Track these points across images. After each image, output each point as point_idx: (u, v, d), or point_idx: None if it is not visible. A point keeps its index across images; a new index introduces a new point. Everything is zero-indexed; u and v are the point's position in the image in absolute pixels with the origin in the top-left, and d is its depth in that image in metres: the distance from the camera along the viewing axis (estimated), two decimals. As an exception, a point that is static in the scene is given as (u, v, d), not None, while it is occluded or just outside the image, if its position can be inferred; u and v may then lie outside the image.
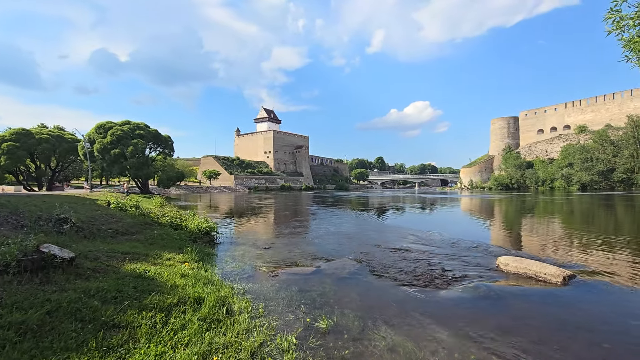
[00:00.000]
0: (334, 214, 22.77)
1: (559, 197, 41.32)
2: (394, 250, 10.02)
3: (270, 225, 17.14)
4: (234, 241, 11.49)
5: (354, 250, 10.07)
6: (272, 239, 12.15)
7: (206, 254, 8.81)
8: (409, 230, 13.99)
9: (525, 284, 6.94)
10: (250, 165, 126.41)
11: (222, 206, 34.83)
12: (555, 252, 9.58)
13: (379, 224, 17.21)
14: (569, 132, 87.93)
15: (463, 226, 16.11)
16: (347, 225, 16.35)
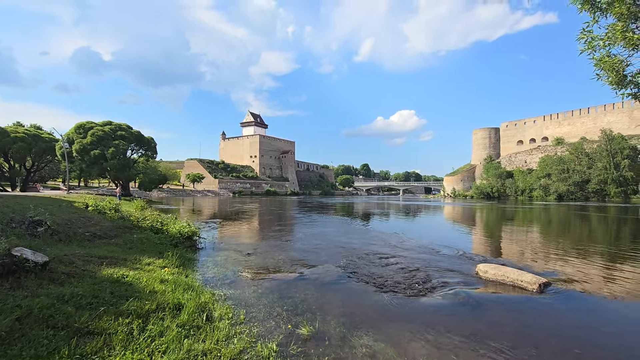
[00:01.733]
0: (318, 219, 22.76)
1: (537, 207, 42.56)
2: (377, 257, 10.09)
3: (253, 231, 16.99)
4: (217, 246, 11.35)
5: (338, 257, 10.09)
6: (255, 245, 12.05)
7: (187, 259, 8.66)
8: (392, 237, 14.10)
9: (503, 291, 7.11)
10: (236, 169, 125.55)
11: (206, 210, 34.30)
12: (533, 260, 9.82)
13: (363, 230, 17.29)
14: (547, 143, 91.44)
15: (445, 233, 16.36)
16: (331, 231, 16.37)
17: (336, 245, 12.04)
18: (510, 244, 13.09)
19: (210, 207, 41.47)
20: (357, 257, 10.17)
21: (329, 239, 13.60)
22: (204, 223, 19.13)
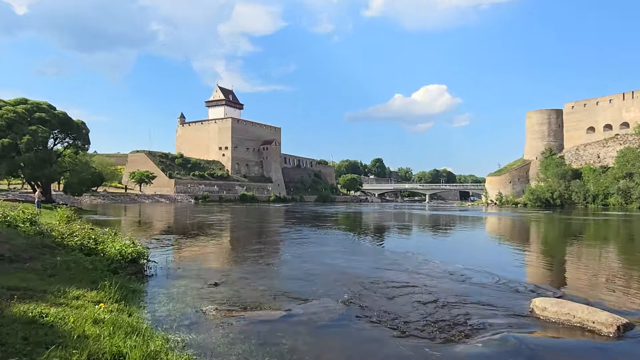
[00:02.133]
0: (312, 236, 22.82)
1: (614, 218, 42.86)
2: (392, 287, 10.15)
3: (223, 251, 16.97)
4: (173, 272, 11.43)
5: (338, 287, 10.14)
6: (225, 270, 12.05)
7: (131, 291, 8.65)
8: (413, 260, 14.18)
9: (568, 335, 7.16)
10: (199, 165, 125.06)
11: (157, 222, 34.29)
12: (609, 293, 9.94)
13: (372, 250, 17.34)
14: (628, 131, 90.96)
15: (487, 256, 16.44)
16: (331, 252, 16.43)
17: (336, 271, 12.11)
18: (578, 270, 13.18)
19: (164, 218, 41.36)
20: (364, 287, 10.19)
21: (326, 262, 13.66)
22: (155, 240, 19.14)
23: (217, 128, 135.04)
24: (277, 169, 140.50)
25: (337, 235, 24.00)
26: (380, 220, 42.54)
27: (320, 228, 28.74)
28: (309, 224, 33.75)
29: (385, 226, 33.44)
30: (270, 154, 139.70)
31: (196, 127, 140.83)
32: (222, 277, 11.14)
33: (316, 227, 29.28)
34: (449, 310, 8.41)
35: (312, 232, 25.01)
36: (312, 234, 24.29)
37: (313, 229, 28.04)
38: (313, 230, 26.53)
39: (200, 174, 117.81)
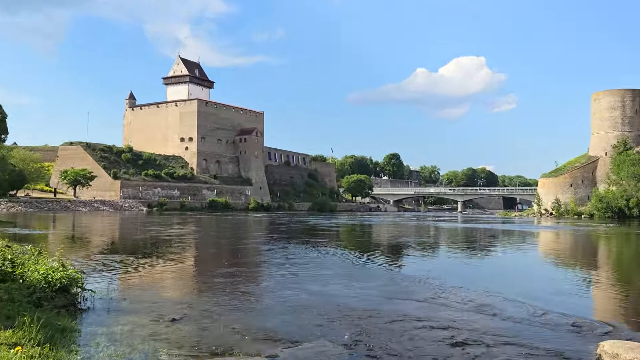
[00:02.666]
0: (305, 256, 22.83)
1: None
2: (410, 325, 10.18)
3: (185, 277, 16.96)
4: (117, 305, 11.45)
5: (339, 325, 10.15)
6: (188, 302, 12.04)
7: (60, 330, 8.61)
8: (439, 289, 14.23)
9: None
10: (154, 162, 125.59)
11: (97, 238, 34.19)
12: (699, 333, 9.96)
13: (385, 275, 17.36)
14: None
15: (539, 284, 16.49)
16: (328, 277, 16.48)
17: (334, 303, 12.13)
18: (659, 302, 13.19)
19: (107, 232, 41.28)
20: (372, 324, 10.19)
21: (320, 291, 13.68)
22: (94, 262, 19.13)
23: (179, 113, 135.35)
24: (259, 167, 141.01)
25: (336, 254, 24.00)
26: (394, 235, 42.48)
27: (314, 245, 28.73)
28: (298, 239, 33.75)
29: (401, 243, 33.43)
30: (249, 148, 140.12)
31: (150, 111, 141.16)
32: (184, 310, 11.11)
33: (308, 244, 29.27)
34: (487, 357, 8.42)
35: (302, 251, 25.00)
36: (302, 253, 24.28)
37: (304, 246, 28.02)
38: (304, 248, 26.51)
39: (155, 173, 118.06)
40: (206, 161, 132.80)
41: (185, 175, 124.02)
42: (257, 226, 53.86)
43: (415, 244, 32.87)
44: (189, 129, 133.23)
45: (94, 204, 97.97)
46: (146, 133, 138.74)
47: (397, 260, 22.92)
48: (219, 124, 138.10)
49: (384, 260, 22.50)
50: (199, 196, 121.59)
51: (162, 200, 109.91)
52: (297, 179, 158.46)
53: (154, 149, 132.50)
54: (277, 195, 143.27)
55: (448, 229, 53.01)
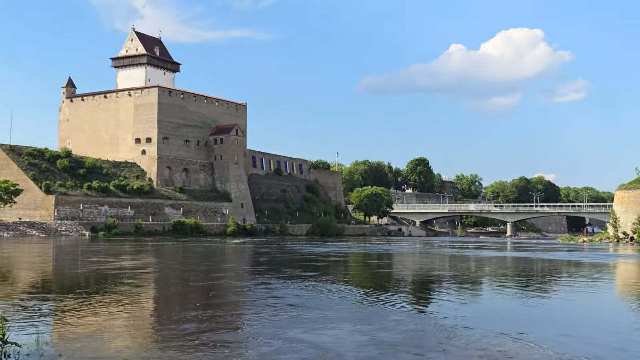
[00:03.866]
0: (298, 295, 22.73)
1: None
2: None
3: (141, 324, 16.89)
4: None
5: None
6: (144, 358, 11.91)
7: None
8: (489, 341, 14.17)
9: None
10: (99, 171, 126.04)
11: (23, 272, 34.17)
12: None
13: (410, 321, 17.20)
14: None
15: (627, 335, 16.46)
16: (329, 322, 16.42)
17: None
18: None
19: (37, 264, 41.04)
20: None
21: (320, 343, 13.57)
22: (20, 306, 19.15)
23: (133, 105, 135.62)
24: (240, 177, 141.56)
25: (341, 293, 23.86)
26: (422, 267, 42.23)
27: (310, 280, 28.59)
28: (290, 273, 33.73)
29: (432, 278, 33.29)
30: (227, 151, 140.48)
31: (95, 102, 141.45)
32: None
33: (303, 280, 29.11)
34: None
35: (296, 289, 24.84)
36: (295, 291, 24.13)
37: (298, 282, 27.87)
38: (298, 285, 26.37)
39: (101, 186, 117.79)
40: (170, 169, 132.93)
41: (141, 188, 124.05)
42: (238, 257, 53.63)
43: (450, 279, 32.67)
44: (147, 126, 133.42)
45: (19, 227, 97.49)
46: (90, 132, 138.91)
47: (425, 301, 22.74)
48: (187, 119, 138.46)
49: (406, 301, 22.32)
50: (160, 216, 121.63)
51: (111, 222, 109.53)
52: (291, 192, 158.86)
53: (100, 153, 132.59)
54: (264, 214, 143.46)
55: (494, 260, 52.80)
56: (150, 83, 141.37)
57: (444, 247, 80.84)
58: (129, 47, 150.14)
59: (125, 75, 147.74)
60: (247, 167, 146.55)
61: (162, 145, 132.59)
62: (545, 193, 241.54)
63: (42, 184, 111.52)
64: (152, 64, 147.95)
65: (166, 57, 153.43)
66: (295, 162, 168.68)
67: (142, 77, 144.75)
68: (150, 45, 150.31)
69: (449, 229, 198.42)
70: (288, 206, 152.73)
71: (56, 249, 59.44)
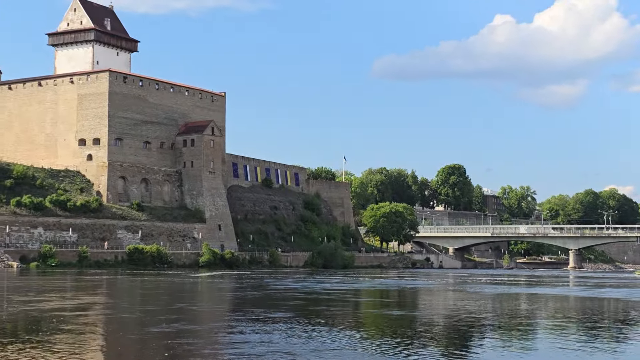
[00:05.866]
0: (300, 348, 22.62)
1: None
2: None
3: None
4: None
5: None
6: None
7: None
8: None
9: None
10: (31, 182, 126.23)
11: None
12: None
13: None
14: None
15: None
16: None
17: None
18: None
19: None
20: None
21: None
22: None
23: (77, 95, 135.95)
24: (217, 190, 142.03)
25: (350, 344, 23.75)
26: (458, 311, 42.11)
27: (313, 324, 28.49)
28: (284, 316, 33.64)
29: (471, 325, 33.26)
30: (200, 157, 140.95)
31: (26, 91, 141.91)
32: None
33: (304, 323, 29.01)
34: None
35: (292, 339, 24.76)
36: (291, 342, 24.03)
37: (294, 327, 27.78)
38: (294, 332, 26.30)
39: (34, 201, 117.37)
40: (124, 180, 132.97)
41: (87, 205, 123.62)
42: (212, 296, 53.50)
43: (496, 327, 32.55)
44: (95, 123, 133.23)
45: None
46: (19, 131, 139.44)
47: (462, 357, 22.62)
48: (148, 114, 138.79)
49: (436, 354, 22.18)
50: (112, 241, 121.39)
51: (47, 250, 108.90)
52: (284, 210, 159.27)
53: (33, 158, 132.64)
54: (249, 239, 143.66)
55: (551, 299, 52.65)
56: (99, 67, 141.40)
57: (485, 283, 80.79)
58: (70, 19, 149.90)
59: (66, 56, 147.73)
60: (226, 177, 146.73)
61: (114, 148, 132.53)
62: (620, 211, 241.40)
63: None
64: (102, 41, 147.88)
65: (120, 33, 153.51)
66: (290, 171, 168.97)
67: (88, 59, 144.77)
68: (99, 17, 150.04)
69: (492, 258, 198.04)
70: (280, 228, 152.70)
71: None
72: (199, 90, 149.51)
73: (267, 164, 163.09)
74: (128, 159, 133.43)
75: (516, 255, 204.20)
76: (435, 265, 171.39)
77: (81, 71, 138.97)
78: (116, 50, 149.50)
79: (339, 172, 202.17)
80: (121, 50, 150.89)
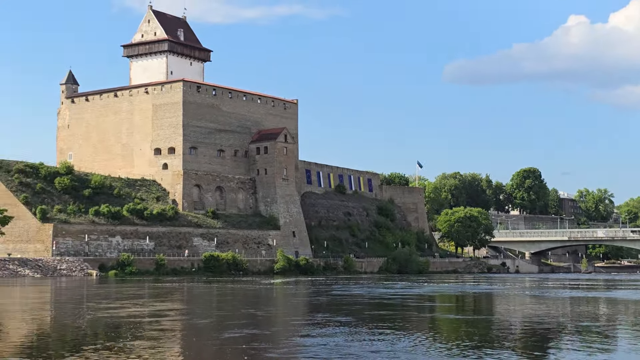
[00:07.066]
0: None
1: None
2: None
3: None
4: None
5: None
6: None
7: None
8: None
9: None
10: (108, 191, 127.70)
11: (14, 324, 34.76)
12: None
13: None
14: None
15: None
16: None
17: None
18: None
19: (30, 314, 41.77)
20: None
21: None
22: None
23: (152, 105, 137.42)
24: (291, 197, 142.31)
25: (411, 346, 23.69)
26: (534, 316, 41.71)
27: (387, 328, 28.40)
28: (356, 321, 33.30)
29: (549, 329, 32.96)
30: (273, 164, 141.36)
31: (102, 103, 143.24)
32: None
33: (375, 327, 28.95)
34: None
35: (361, 343, 24.74)
36: (361, 345, 24.01)
37: (365, 330, 27.74)
38: (363, 335, 26.26)
39: (112, 210, 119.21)
40: (199, 188, 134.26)
41: (163, 213, 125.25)
42: (289, 304, 53.51)
43: (573, 329, 32.24)
44: (169, 132, 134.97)
45: (8, 265, 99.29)
46: (96, 141, 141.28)
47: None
48: (221, 122, 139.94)
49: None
50: (188, 249, 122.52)
51: (125, 258, 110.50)
52: (358, 216, 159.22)
53: (110, 168, 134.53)
54: (323, 245, 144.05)
55: (632, 303, 51.77)
56: (172, 77, 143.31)
57: (564, 287, 79.65)
58: (145, 30, 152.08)
59: (140, 67, 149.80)
60: (299, 184, 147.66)
61: (189, 156, 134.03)
62: None
63: (37, 210, 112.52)
64: (175, 51, 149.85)
65: (193, 43, 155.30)
66: (363, 177, 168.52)
67: (162, 69, 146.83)
68: (172, 28, 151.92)
69: (569, 262, 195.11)
70: (354, 234, 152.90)
71: (55, 294, 60.42)
72: (272, 97, 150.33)
73: (340, 170, 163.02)
74: (202, 167, 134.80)
75: (594, 259, 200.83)
76: (511, 270, 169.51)
77: (156, 81, 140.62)
78: (189, 60, 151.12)
79: (412, 178, 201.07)
80: (194, 60, 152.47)
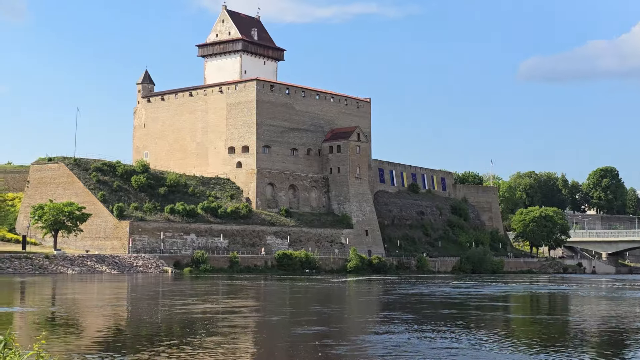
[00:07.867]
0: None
1: None
2: None
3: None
4: None
5: None
6: None
7: None
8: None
9: None
10: (183, 189, 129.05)
11: (93, 320, 35.37)
12: None
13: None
14: None
15: None
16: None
17: None
18: None
19: (109, 309, 42.39)
20: None
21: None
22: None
23: (226, 104, 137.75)
24: (364, 196, 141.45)
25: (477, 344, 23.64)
26: (612, 318, 41.16)
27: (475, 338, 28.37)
28: (447, 322, 33.24)
29: (625, 330, 32.46)
30: (346, 162, 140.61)
31: (178, 102, 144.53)
32: None
33: (451, 326, 28.93)
34: None
35: (430, 341, 24.80)
36: (433, 344, 24.06)
37: (440, 329, 27.71)
38: (435, 334, 26.29)
39: (187, 208, 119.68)
40: (273, 187, 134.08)
41: (237, 211, 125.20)
42: (360, 302, 53.52)
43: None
44: (243, 131, 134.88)
45: (86, 261, 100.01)
46: (172, 140, 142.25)
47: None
48: (294, 121, 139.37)
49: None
50: (261, 247, 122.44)
51: (199, 255, 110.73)
52: (431, 215, 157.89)
53: (185, 166, 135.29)
54: (396, 245, 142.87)
55: None
56: (246, 76, 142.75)
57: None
58: (219, 30, 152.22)
59: (215, 67, 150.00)
60: (372, 183, 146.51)
61: (262, 155, 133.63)
62: None
63: (114, 207, 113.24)
64: (249, 51, 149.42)
65: (267, 42, 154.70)
66: (436, 175, 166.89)
67: (236, 69, 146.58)
68: (246, 28, 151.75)
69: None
70: (427, 234, 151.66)
71: (131, 290, 61.00)
72: (345, 96, 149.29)
73: (413, 169, 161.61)
74: (276, 166, 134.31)
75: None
76: (587, 270, 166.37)
77: (230, 80, 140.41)
78: (263, 60, 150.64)
79: (486, 176, 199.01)
80: (268, 59, 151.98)
